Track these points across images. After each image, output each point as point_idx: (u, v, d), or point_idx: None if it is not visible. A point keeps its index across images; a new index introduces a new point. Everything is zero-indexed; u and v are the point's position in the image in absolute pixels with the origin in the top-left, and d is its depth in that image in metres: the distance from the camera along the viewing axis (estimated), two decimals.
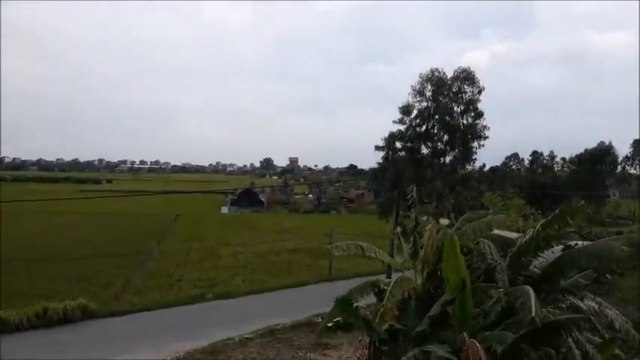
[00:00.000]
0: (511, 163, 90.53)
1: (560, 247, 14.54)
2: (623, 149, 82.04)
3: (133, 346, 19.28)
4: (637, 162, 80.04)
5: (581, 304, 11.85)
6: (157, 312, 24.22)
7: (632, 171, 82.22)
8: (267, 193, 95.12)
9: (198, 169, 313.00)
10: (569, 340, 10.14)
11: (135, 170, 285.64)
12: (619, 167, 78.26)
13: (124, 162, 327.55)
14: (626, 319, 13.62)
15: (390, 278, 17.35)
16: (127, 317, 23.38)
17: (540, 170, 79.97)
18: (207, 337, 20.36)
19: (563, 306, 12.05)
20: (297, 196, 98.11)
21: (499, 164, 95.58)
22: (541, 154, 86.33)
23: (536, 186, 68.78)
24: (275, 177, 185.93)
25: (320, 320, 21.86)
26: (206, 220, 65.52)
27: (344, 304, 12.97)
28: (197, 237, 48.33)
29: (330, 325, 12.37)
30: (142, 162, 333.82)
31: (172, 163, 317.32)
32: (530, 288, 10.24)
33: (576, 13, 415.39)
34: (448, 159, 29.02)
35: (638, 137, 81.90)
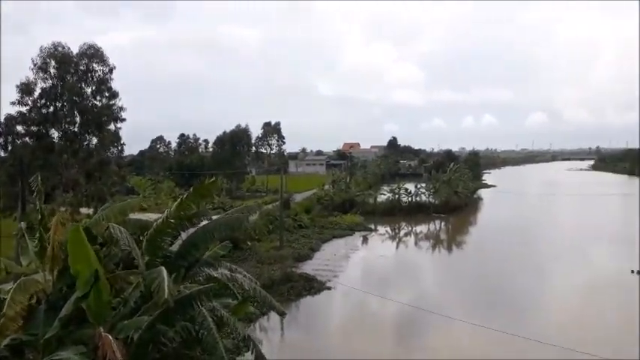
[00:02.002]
0: (158, 146, 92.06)
1: (206, 222, 15.29)
2: (256, 131, 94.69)
3: None
4: (266, 142, 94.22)
5: (215, 273, 12.73)
6: None
7: (263, 150, 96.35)
8: None
9: None
10: (204, 310, 10.74)
11: None
12: (253, 147, 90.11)
13: None
14: (255, 279, 15.53)
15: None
16: None
17: (187, 152, 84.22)
18: None
19: (201, 279, 12.74)
20: None
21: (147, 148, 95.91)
22: (188, 136, 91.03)
23: (185, 167, 72.20)
24: None
25: None
26: None
27: None
28: None
29: None
30: None
31: None
32: (164, 268, 10.32)
33: (211, 5, 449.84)
34: (86, 143, 26.80)
35: (267, 120, 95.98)
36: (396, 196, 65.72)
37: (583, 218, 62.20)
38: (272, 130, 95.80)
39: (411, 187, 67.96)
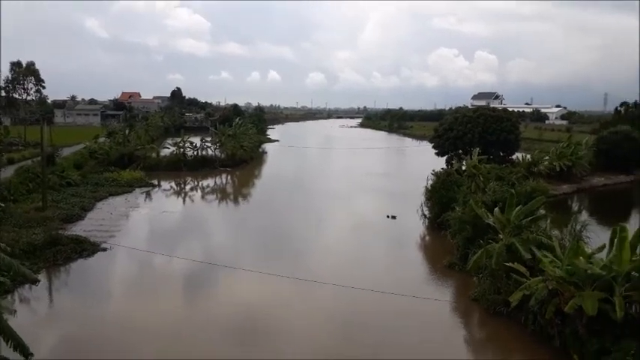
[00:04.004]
0: None
1: None
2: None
3: None
4: (21, 86, 79.09)
5: None
6: None
7: (17, 96, 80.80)
8: None
9: None
10: None
11: None
12: (2, 92, 75.16)
13: None
14: (7, 246, 13.01)
15: None
16: None
17: None
18: None
19: None
20: None
21: None
22: None
23: None
24: None
25: None
26: None
27: None
28: None
29: None
30: None
31: None
32: None
33: None
34: None
35: (16, 60, 79.73)
36: (181, 149, 63.37)
37: (353, 170, 69.61)
38: (26, 71, 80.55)
39: (197, 140, 66.23)
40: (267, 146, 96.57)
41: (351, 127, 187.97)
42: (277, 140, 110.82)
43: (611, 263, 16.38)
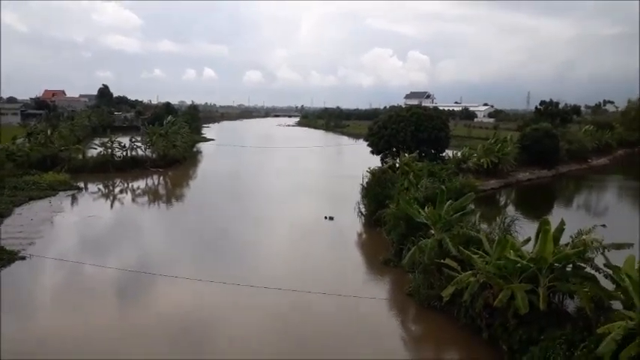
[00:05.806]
0: None
1: None
2: None
3: None
4: None
5: None
6: None
7: None
8: None
9: None
10: None
11: None
12: None
13: None
14: None
15: None
16: None
17: None
18: None
19: None
20: None
21: None
22: None
23: None
24: None
25: None
26: None
27: None
28: None
29: None
30: None
31: None
32: None
33: None
34: None
35: None
36: (109, 150, 60.31)
37: (290, 169, 69.25)
38: None
39: (126, 140, 63.29)
40: (202, 145, 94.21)
41: (289, 125, 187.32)
42: (213, 139, 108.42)
43: (536, 256, 17.11)
